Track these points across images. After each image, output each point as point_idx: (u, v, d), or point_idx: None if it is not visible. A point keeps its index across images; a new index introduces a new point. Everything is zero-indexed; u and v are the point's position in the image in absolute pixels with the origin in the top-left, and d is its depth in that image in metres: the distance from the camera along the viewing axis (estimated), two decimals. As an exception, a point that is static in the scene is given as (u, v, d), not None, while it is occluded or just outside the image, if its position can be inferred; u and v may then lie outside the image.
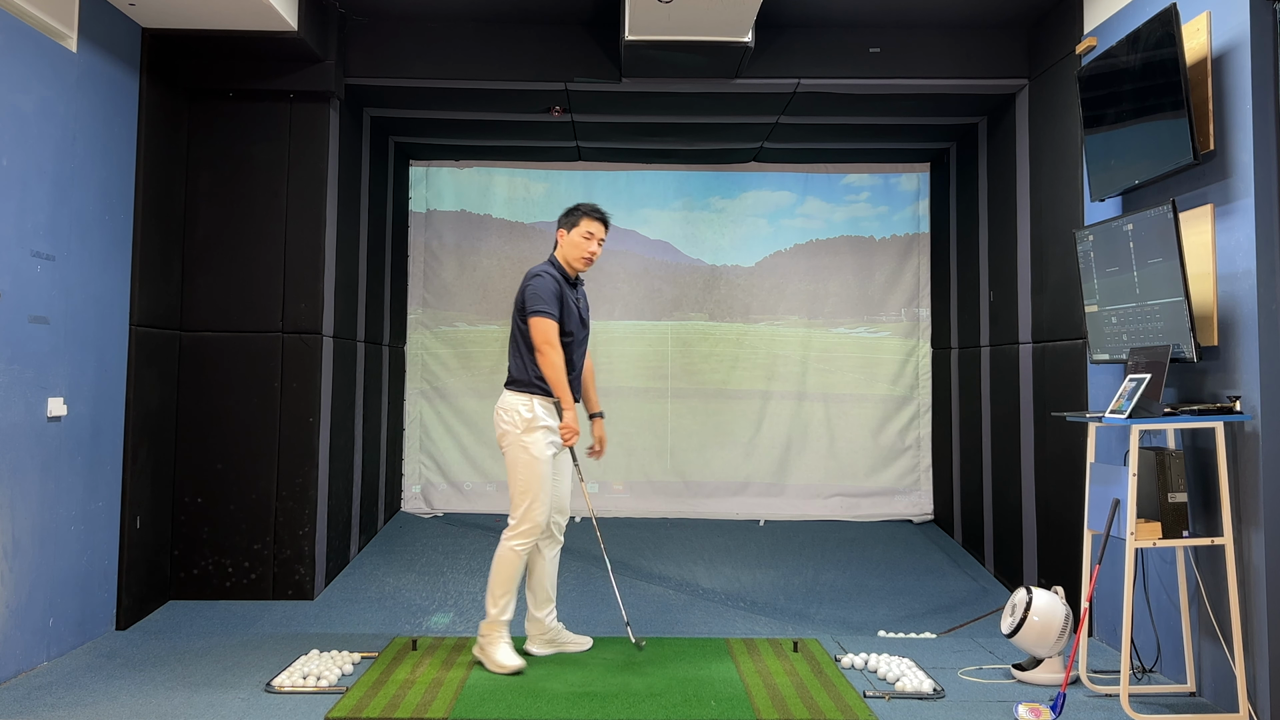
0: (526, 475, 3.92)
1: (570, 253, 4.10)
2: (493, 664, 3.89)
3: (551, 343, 3.93)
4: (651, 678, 3.81)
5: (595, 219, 4.11)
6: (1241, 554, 3.46)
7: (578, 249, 4.09)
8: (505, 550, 3.94)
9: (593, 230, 4.09)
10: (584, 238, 4.09)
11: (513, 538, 3.94)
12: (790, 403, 7.02)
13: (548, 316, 3.95)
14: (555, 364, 3.93)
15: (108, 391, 4.39)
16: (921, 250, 7.09)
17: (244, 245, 5.06)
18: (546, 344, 3.93)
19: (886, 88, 5.37)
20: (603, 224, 4.13)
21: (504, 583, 3.94)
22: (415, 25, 5.28)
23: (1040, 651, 3.82)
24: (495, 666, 3.88)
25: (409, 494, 6.91)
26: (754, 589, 5.39)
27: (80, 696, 3.56)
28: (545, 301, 3.96)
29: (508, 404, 4.00)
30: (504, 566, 3.93)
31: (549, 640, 4.13)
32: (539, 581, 4.10)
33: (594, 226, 4.10)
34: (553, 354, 3.93)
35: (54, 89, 3.96)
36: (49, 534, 3.95)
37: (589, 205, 4.14)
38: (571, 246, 4.10)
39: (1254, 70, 3.43)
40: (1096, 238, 3.99)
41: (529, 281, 4.02)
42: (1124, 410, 3.51)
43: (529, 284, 4.01)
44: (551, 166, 7.09)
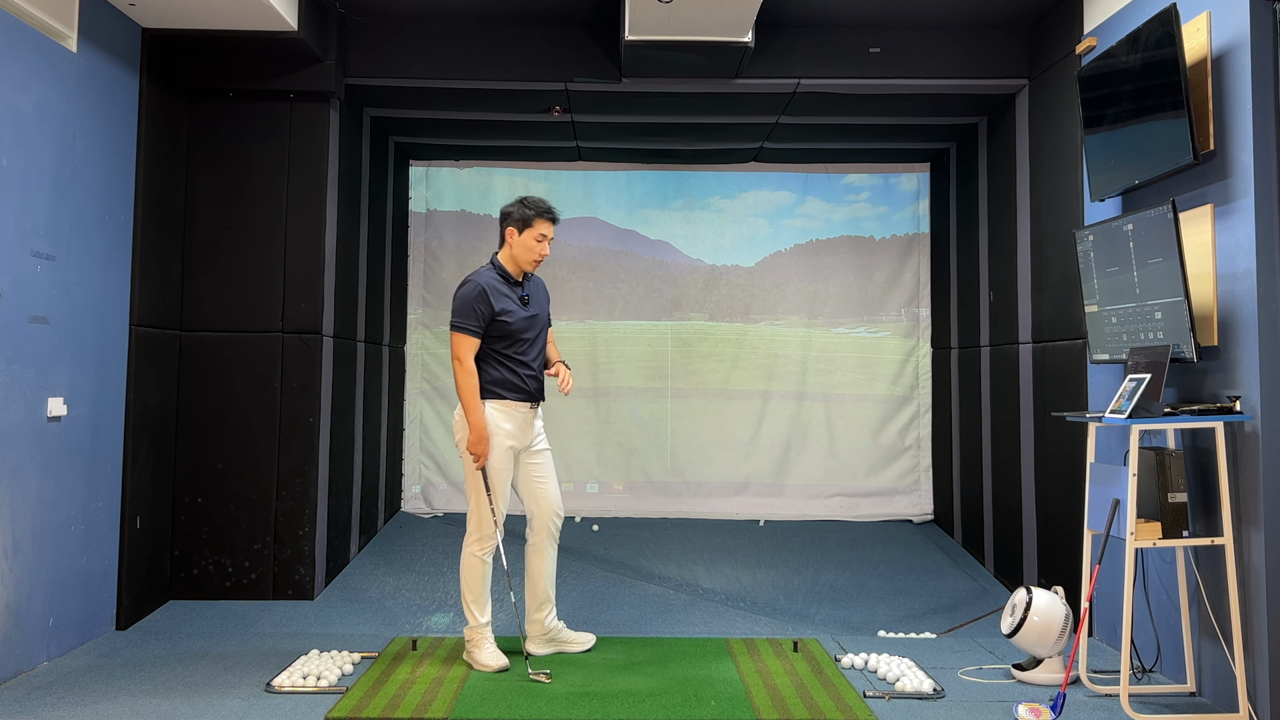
0: (475, 482, 3.93)
1: (521, 255, 3.98)
2: (478, 665, 3.92)
3: (460, 358, 3.86)
4: (651, 678, 3.81)
5: (549, 220, 3.99)
6: (1241, 554, 3.46)
7: (530, 252, 3.98)
8: (466, 557, 3.97)
9: (545, 232, 3.98)
10: (536, 240, 3.96)
11: (470, 544, 3.95)
12: (790, 403, 7.02)
13: (463, 331, 3.86)
14: (464, 383, 3.86)
15: (108, 391, 4.39)
16: (921, 250, 7.09)
17: (244, 245, 5.06)
18: (455, 359, 3.88)
19: (886, 88, 5.37)
20: (554, 223, 4.02)
21: (472, 588, 3.95)
22: (415, 25, 5.28)
23: (1040, 651, 3.82)
24: (480, 667, 3.91)
25: (409, 494, 6.91)
26: (754, 589, 5.39)
27: (80, 696, 3.56)
28: (462, 314, 3.87)
29: (460, 413, 3.95)
30: (467, 573, 3.96)
31: (549, 639, 4.13)
32: (536, 582, 4.09)
33: (547, 228, 3.98)
34: (460, 371, 3.86)
35: (54, 89, 3.96)
36: (49, 534, 3.95)
37: (540, 204, 3.99)
38: (523, 249, 3.97)
39: (1254, 70, 3.43)
40: (1096, 238, 3.99)
41: (458, 289, 3.93)
42: (1124, 410, 3.51)
43: (457, 292, 3.93)
44: (551, 166, 7.09)
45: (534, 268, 4.04)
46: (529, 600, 4.12)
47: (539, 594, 4.10)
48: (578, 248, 7.08)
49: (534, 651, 4.10)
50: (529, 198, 4.03)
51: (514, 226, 3.98)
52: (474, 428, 3.86)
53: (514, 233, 3.98)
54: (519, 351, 3.96)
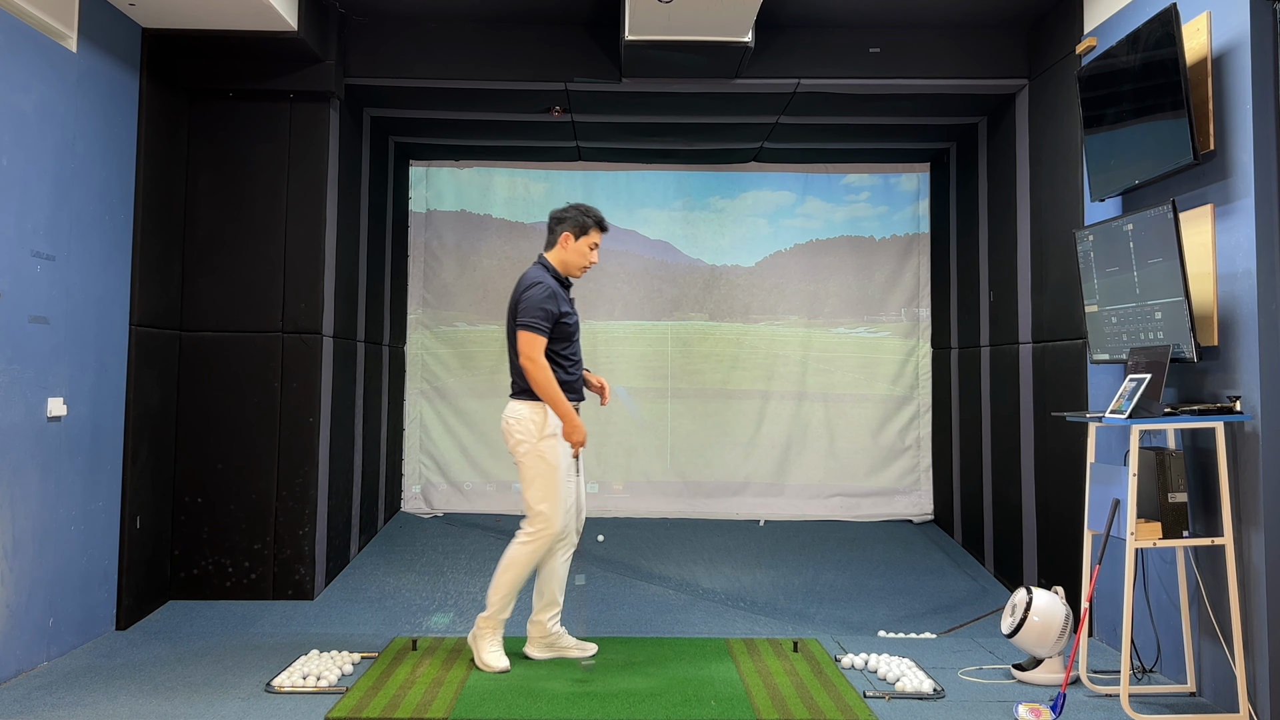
0: (546, 484, 3.85)
1: (573, 260, 4.01)
2: (479, 661, 3.90)
3: (534, 358, 3.81)
4: (651, 678, 3.81)
5: (602, 230, 4.04)
6: (1241, 554, 3.46)
7: (582, 258, 4.02)
8: (519, 552, 3.88)
9: (598, 242, 4.03)
10: (590, 248, 4.01)
11: (529, 541, 3.88)
12: (790, 403, 7.02)
13: (537, 331, 3.82)
14: (540, 379, 3.80)
15: (108, 391, 4.39)
16: (921, 250, 7.09)
17: (244, 245, 5.06)
18: (528, 359, 3.81)
19: (886, 88, 5.37)
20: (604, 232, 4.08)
21: (510, 583, 3.90)
22: (415, 25, 5.28)
23: (1040, 651, 3.81)
24: (480, 664, 3.89)
25: (409, 494, 6.91)
26: (754, 589, 5.39)
27: (80, 696, 3.56)
28: (535, 314, 3.83)
29: (519, 414, 3.89)
30: (514, 567, 3.88)
31: (548, 644, 4.07)
32: (546, 583, 4.03)
33: (599, 238, 4.03)
34: (535, 370, 3.80)
35: (54, 89, 3.96)
36: (49, 534, 3.95)
37: (597, 214, 4.03)
38: (577, 254, 4.01)
39: (1254, 70, 3.43)
40: (1096, 238, 3.99)
41: (524, 291, 3.89)
42: (1124, 410, 3.51)
43: (525, 293, 3.88)
44: (551, 166, 7.09)
45: (580, 274, 4.06)
46: (535, 600, 4.07)
47: (547, 595, 4.04)
48: (578, 248, 7.08)
49: (532, 656, 4.05)
50: (586, 206, 4.03)
51: (570, 232, 3.99)
52: (568, 418, 3.86)
53: (569, 238, 4.00)
54: (572, 352, 3.98)
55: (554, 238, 4.05)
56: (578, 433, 3.89)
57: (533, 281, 3.91)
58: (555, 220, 4.05)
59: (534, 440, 3.87)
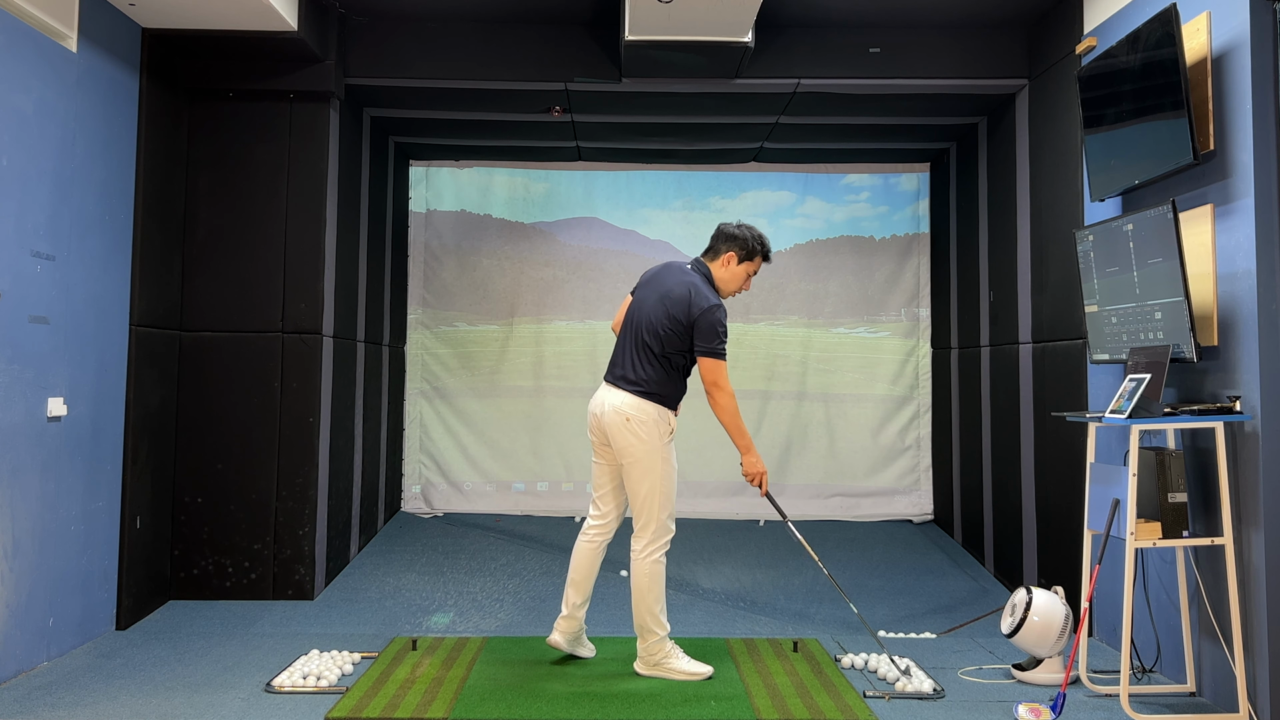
0: (667, 487, 3.74)
1: (730, 283, 3.88)
2: (685, 675, 3.77)
3: (721, 385, 3.70)
4: (651, 678, 3.81)
5: (766, 262, 3.94)
6: (1241, 554, 3.46)
7: (739, 283, 3.90)
8: (651, 566, 3.72)
9: (757, 271, 3.93)
10: (748, 275, 3.91)
11: (655, 551, 3.74)
12: (790, 403, 7.02)
13: (721, 358, 3.69)
14: (729, 407, 3.70)
15: (108, 391, 4.39)
16: (921, 250, 7.09)
17: (244, 245, 5.06)
18: (716, 386, 3.71)
19: (886, 88, 5.37)
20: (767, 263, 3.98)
21: (659, 597, 3.73)
22: (415, 25, 5.28)
23: (1040, 651, 3.82)
24: (693, 675, 3.76)
25: (409, 494, 6.91)
26: (754, 589, 5.39)
27: (80, 696, 3.56)
28: (721, 340, 3.68)
29: (648, 415, 3.72)
30: (656, 583, 3.72)
31: (574, 638, 3.97)
32: (587, 580, 3.89)
33: (759, 268, 3.93)
34: (724, 397, 3.70)
35: (54, 89, 3.96)
36: (49, 534, 3.95)
37: (768, 245, 3.91)
38: (735, 279, 3.87)
39: (1254, 70, 3.43)
40: (1096, 238, 3.99)
41: (705, 311, 3.68)
42: (1124, 410, 3.51)
43: (705, 314, 3.68)
44: (551, 166, 7.09)
45: (727, 297, 3.93)
46: (575, 594, 3.89)
47: (585, 591, 3.90)
48: (578, 248, 7.09)
49: (558, 642, 3.93)
50: (757, 231, 3.90)
51: (737, 253, 3.86)
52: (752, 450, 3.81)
53: (733, 259, 3.86)
54: None
55: (718, 250, 3.88)
56: (760, 465, 3.84)
57: (712, 303, 3.72)
58: (726, 236, 3.88)
59: (660, 442, 3.73)
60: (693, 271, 3.87)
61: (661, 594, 3.76)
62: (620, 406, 3.74)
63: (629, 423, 3.72)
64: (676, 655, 3.82)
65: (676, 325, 3.74)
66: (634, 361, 3.80)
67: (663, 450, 3.74)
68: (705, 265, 3.90)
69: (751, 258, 3.88)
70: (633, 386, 3.77)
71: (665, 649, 3.80)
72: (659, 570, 3.75)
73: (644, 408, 3.74)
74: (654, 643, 3.78)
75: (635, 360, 3.80)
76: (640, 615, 3.76)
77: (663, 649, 3.80)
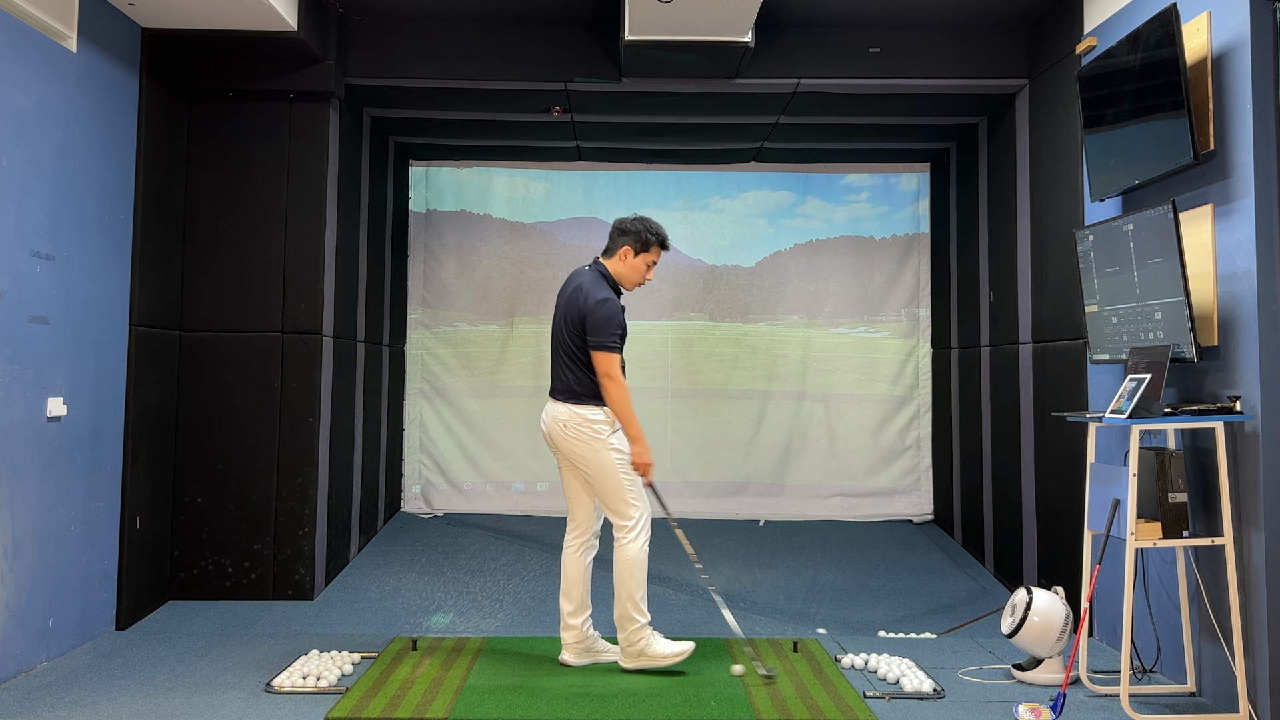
0: (630, 473, 3.82)
1: (629, 275, 3.94)
2: (663, 658, 3.81)
3: (614, 376, 3.75)
4: (651, 678, 3.81)
5: (663, 249, 3.98)
6: (1241, 554, 3.46)
7: (638, 274, 3.95)
8: (634, 554, 3.78)
9: (657, 260, 3.98)
10: (648, 265, 3.95)
11: (636, 539, 3.80)
12: (790, 403, 7.02)
13: (611, 350, 3.75)
14: (620, 398, 3.76)
15: (108, 391, 4.39)
16: (921, 250, 7.09)
17: (244, 245, 5.06)
18: (608, 377, 3.75)
19: (886, 88, 5.37)
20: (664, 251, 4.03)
21: (640, 584, 3.79)
22: (415, 25, 5.28)
23: (1040, 651, 3.81)
24: (669, 659, 3.81)
25: (409, 494, 6.91)
26: (754, 589, 5.39)
27: (80, 696, 3.56)
28: (610, 333, 3.75)
29: (581, 417, 3.80)
30: (637, 570, 3.78)
31: (585, 649, 3.96)
32: (574, 586, 3.91)
33: (659, 257, 3.97)
34: (615, 388, 3.75)
35: (54, 89, 3.96)
36: (49, 534, 3.95)
37: (662, 233, 3.95)
38: (634, 270, 3.93)
39: (1254, 70, 3.43)
40: (1096, 238, 3.99)
41: (595, 305, 3.77)
42: (1124, 410, 3.51)
43: (595, 308, 3.76)
44: (551, 166, 7.09)
45: (632, 289, 4.01)
46: (566, 603, 3.93)
47: (576, 599, 3.91)
48: (578, 248, 7.08)
49: (570, 662, 3.95)
50: (652, 221, 3.95)
51: (631, 246, 3.92)
52: (641, 440, 3.83)
53: (629, 253, 3.92)
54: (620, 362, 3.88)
55: (614, 247, 3.95)
56: (647, 456, 3.86)
57: (601, 296, 3.80)
58: (619, 231, 3.95)
59: (604, 437, 3.80)
60: (587, 272, 3.96)
61: (643, 582, 3.83)
62: (559, 416, 3.87)
63: (567, 429, 3.84)
64: (656, 639, 3.87)
65: (577, 326, 3.84)
66: (560, 371, 3.92)
67: (609, 442, 3.82)
68: (601, 264, 3.98)
69: (648, 248, 3.94)
70: (564, 395, 3.88)
71: (645, 634, 3.84)
72: (640, 558, 3.81)
73: (576, 411, 3.84)
74: (633, 630, 3.83)
75: (561, 369, 3.91)
76: (621, 604, 3.82)
77: (642, 635, 3.84)
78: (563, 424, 3.85)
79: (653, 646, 3.84)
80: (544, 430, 3.96)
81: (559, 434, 3.86)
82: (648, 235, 3.93)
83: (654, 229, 3.96)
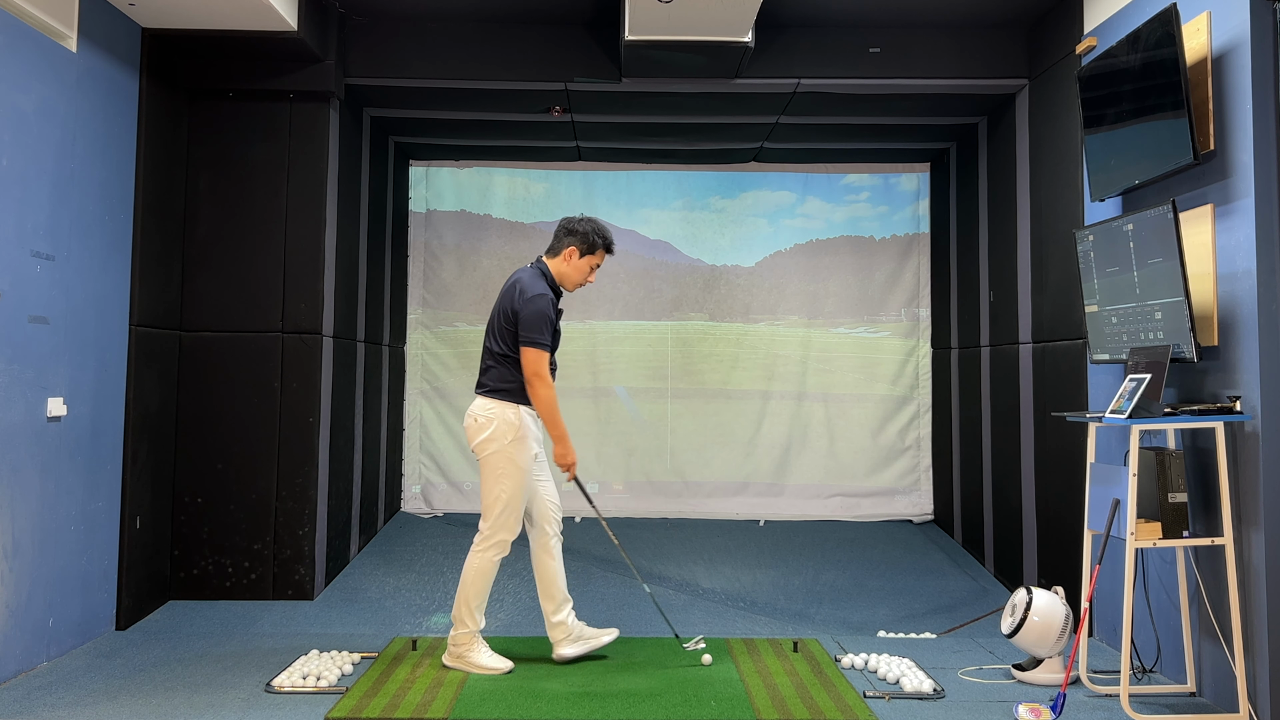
0: (512, 487, 3.81)
1: (572, 276, 3.95)
2: (480, 668, 3.84)
3: (542, 375, 3.75)
4: (651, 678, 3.81)
5: (609, 253, 4.00)
6: (1241, 554, 3.46)
7: (581, 275, 3.96)
8: (483, 562, 3.84)
9: (601, 264, 4.00)
10: (592, 268, 3.96)
11: (489, 548, 3.85)
12: (790, 403, 7.02)
13: (542, 348, 3.76)
14: (546, 398, 3.77)
15: (108, 391, 4.39)
16: (921, 250, 7.09)
17: (244, 245, 5.06)
18: (536, 376, 3.75)
19: (886, 88, 5.37)
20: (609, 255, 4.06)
21: (480, 593, 3.86)
22: (415, 25, 5.28)
23: (1040, 652, 3.81)
24: (486, 670, 3.84)
25: (409, 494, 6.91)
26: (754, 589, 5.39)
27: (80, 696, 3.56)
28: (542, 331, 3.76)
29: (493, 413, 3.81)
30: (478, 577, 3.85)
31: (576, 639, 3.99)
32: (551, 585, 3.95)
33: (603, 260, 3.99)
34: (543, 388, 3.76)
35: (54, 89, 3.96)
36: (49, 534, 3.95)
37: (608, 236, 3.97)
38: (576, 271, 3.94)
39: (1254, 70, 3.43)
40: (1096, 238, 3.99)
41: (528, 301, 3.78)
42: (1124, 410, 3.51)
43: (528, 304, 3.77)
44: (551, 166, 7.09)
45: (573, 290, 4.01)
46: (548, 603, 3.96)
47: (558, 594, 3.95)
48: (578, 248, 7.08)
49: (567, 655, 3.97)
50: (600, 225, 3.96)
51: (577, 247, 3.92)
52: (564, 441, 3.86)
53: (574, 253, 3.92)
54: (550, 361, 3.90)
55: (559, 247, 3.96)
56: (571, 455, 3.88)
57: (536, 293, 3.81)
58: (566, 230, 3.96)
59: (505, 441, 3.80)
60: (527, 269, 3.97)
61: (483, 591, 3.87)
62: (471, 410, 3.90)
63: (476, 423, 3.85)
64: (480, 650, 3.89)
65: (510, 321, 3.85)
66: (485, 366, 3.93)
67: (509, 450, 3.81)
68: (543, 263, 3.99)
69: (593, 250, 3.94)
70: (482, 390, 3.90)
71: (473, 642, 3.88)
72: (487, 568, 3.85)
73: (489, 406, 3.84)
74: (463, 634, 3.87)
75: (486, 364, 3.92)
76: (458, 605, 3.87)
77: (471, 641, 3.88)
78: (474, 418, 3.86)
79: (474, 655, 3.87)
80: None
81: (469, 427, 3.88)
82: (595, 238, 3.93)
83: (602, 232, 3.96)
